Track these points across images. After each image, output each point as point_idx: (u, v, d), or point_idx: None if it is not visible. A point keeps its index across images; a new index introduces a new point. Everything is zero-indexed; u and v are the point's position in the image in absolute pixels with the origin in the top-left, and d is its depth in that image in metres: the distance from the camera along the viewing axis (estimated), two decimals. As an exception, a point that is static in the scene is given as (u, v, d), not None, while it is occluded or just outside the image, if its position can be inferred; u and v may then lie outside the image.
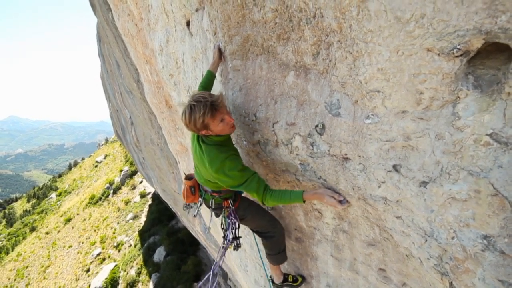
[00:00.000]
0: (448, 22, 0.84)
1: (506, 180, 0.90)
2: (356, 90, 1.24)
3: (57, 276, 27.12)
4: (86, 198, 39.18)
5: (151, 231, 25.83)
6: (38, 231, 38.99)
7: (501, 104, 0.88)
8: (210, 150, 1.75)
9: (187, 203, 2.25)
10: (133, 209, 31.56)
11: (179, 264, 20.46)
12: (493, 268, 0.96)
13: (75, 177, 53.99)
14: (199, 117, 1.61)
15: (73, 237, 32.34)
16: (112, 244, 27.69)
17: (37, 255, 32.61)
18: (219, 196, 2.05)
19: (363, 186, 1.36)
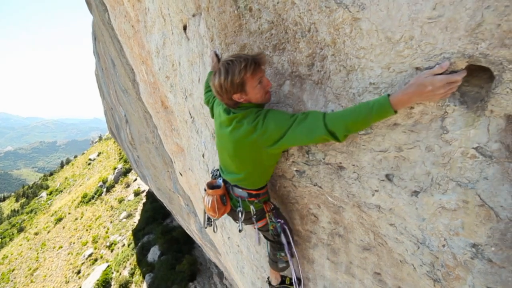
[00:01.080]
0: (435, 45, 0.89)
1: (491, 191, 0.96)
2: (350, 102, 1.29)
3: (45, 279, 26.62)
4: (78, 197, 38.66)
5: (145, 230, 25.63)
6: (26, 232, 38.22)
7: (485, 120, 0.93)
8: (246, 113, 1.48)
9: (215, 218, 1.84)
10: (126, 207, 31.27)
11: (174, 263, 20.36)
12: (482, 276, 1.01)
13: (67, 175, 53.21)
14: (239, 72, 1.37)
15: (63, 237, 31.85)
16: (105, 244, 27.39)
17: (25, 257, 31.92)
18: (258, 201, 1.80)
19: (358, 194, 1.41)
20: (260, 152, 1.47)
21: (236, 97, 1.46)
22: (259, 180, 1.73)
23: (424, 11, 0.87)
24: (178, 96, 3.86)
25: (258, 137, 1.41)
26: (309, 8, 1.29)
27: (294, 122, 1.31)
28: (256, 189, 1.75)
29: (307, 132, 1.26)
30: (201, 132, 3.55)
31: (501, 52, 0.77)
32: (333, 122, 1.20)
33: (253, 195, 1.76)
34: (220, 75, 1.42)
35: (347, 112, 1.17)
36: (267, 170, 1.69)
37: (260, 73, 1.46)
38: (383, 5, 0.97)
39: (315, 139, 1.26)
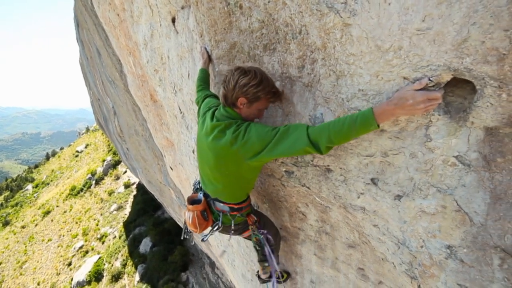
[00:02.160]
0: (422, 57, 0.91)
1: (468, 198, 1.00)
2: (339, 106, 1.30)
3: (35, 271, 26.36)
4: (66, 190, 38.01)
5: (137, 222, 25.55)
6: (12, 225, 37.49)
7: (466, 131, 0.97)
8: (230, 123, 1.48)
9: (197, 233, 1.80)
10: (117, 200, 30.99)
11: (166, 254, 20.46)
12: (454, 274, 1.07)
13: (53, 168, 52.05)
14: (267, 92, 1.42)
15: (52, 230, 31.44)
16: (96, 236, 27.22)
17: (12, 250, 31.43)
18: (241, 214, 1.78)
19: (344, 196, 1.45)
20: (241, 164, 1.46)
21: (240, 101, 1.47)
22: (240, 193, 1.71)
23: (413, 22, 0.88)
24: (167, 91, 3.79)
25: (238, 149, 1.40)
26: (300, 10, 1.28)
27: (276, 135, 1.30)
28: (238, 203, 1.73)
29: (289, 144, 1.26)
30: (191, 128, 3.51)
31: (483, 68, 0.80)
32: (316, 133, 1.19)
33: (235, 209, 1.73)
34: (253, 79, 1.41)
35: (331, 123, 1.17)
36: (247, 183, 1.68)
37: (269, 105, 1.57)
38: (374, 13, 0.98)
39: (297, 151, 1.25)
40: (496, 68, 0.77)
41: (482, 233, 0.98)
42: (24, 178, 55.58)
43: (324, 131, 1.18)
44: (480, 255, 1.00)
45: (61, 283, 23.57)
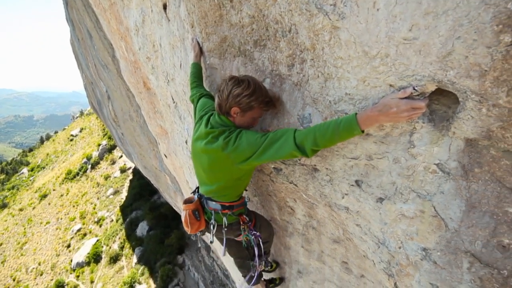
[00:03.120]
0: (408, 66, 0.90)
1: (445, 205, 1.03)
2: (326, 108, 1.30)
3: (35, 252, 26.90)
4: (62, 173, 38.03)
5: (133, 206, 25.83)
6: (10, 208, 37.80)
7: (448, 140, 0.98)
8: (223, 130, 1.53)
9: (189, 232, 1.84)
10: (113, 184, 31.15)
11: (163, 237, 20.87)
12: (427, 274, 1.12)
13: (48, 152, 51.75)
14: (260, 101, 1.44)
15: (50, 213, 31.74)
16: (93, 220, 27.57)
17: (12, 232, 31.91)
18: (232, 213, 1.80)
19: (329, 195, 1.47)
20: (231, 168, 1.51)
21: (234, 111, 1.50)
22: (232, 193, 1.74)
23: (400, 30, 0.86)
24: (160, 79, 3.72)
25: (229, 154, 1.46)
26: (290, 8, 1.24)
27: (265, 141, 1.33)
28: (229, 201, 1.76)
29: (276, 149, 1.29)
30: (184, 119, 3.49)
31: (466, 82, 0.80)
32: (302, 137, 1.21)
33: (226, 207, 1.76)
34: (246, 89, 1.43)
35: (316, 126, 1.19)
36: (239, 185, 1.72)
37: (263, 114, 1.59)
38: (363, 18, 0.95)
39: (285, 155, 1.28)
40: (478, 83, 0.77)
41: (455, 238, 1.01)
42: (19, 161, 55.32)
43: (310, 134, 1.19)
44: (452, 258, 1.04)
45: (61, 264, 24.10)
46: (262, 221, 2.14)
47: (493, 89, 0.75)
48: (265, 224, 2.17)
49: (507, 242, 0.90)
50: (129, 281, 18.15)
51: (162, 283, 16.66)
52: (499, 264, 0.92)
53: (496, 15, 0.65)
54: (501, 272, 0.92)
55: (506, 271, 0.91)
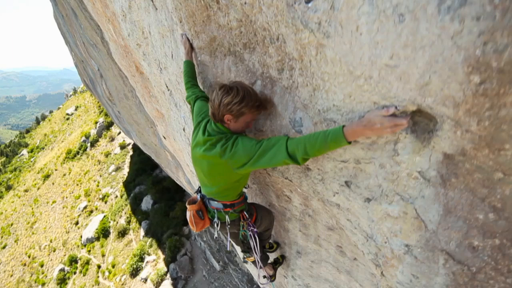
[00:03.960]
0: (390, 89, 0.94)
1: (425, 208, 1.13)
2: (316, 115, 1.35)
3: (46, 230, 28.03)
4: (63, 153, 38.24)
5: (136, 182, 26.32)
6: (15, 189, 38.57)
7: (428, 152, 1.05)
8: (220, 137, 1.60)
9: (194, 231, 2.02)
10: (114, 161, 31.49)
11: (167, 210, 21.56)
12: (409, 266, 1.26)
13: (45, 132, 51.48)
14: (250, 106, 1.49)
15: (55, 192, 32.49)
16: (98, 197, 28.31)
17: (20, 212, 32.92)
18: (234, 211, 1.91)
19: (321, 192, 1.58)
20: (230, 172, 1.62)
21: (226, 118, 1.56)
22: (232, 193, 1.86)
23: (382, 57, 0.89)
24: (153, 66, 3.65)
25: (227, 160, 1.54)
26: (277, 19, 1.24)
27: (259, 148, 1.41)
28: (231, 201, 1.87)
29: (270, 157, 1.37)
30: (180, 107, 3.49)
31: (442, 109, 0.85)
32: (293, 146, 1.28)
33: (228, 206, 1.88)
34: (235, 96, 1.48)
35: (307, 136, 1.25)
36: (238, 185, 1.84)
37: (256, 116, 1.64)
38: (347, 39, 0.97)
39: (277, 163, 1.36)
40: (453, 111, 0.82)
41: (433, 238, 1.13)
42: (17, 143, 55.27)
43: (300, 144, 1.27)
44: (430, 255, 1.16)
45: (72, 240, 25.26)
46: (263, 212, 2.26)
47: (465, 118, 0.80)
48: (266, 214, 2.29)
49: (476, 244, 1.02)
50: (139, 253, 19.19)
51: (171, 254, 17.63)
52: (469, 262, 1.05)
53: (466, 58, 0.69)
54: (470, 268, 1.05)
55: (474, 268, 1.04)
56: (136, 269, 18.58)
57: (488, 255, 1.00)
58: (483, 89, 0.71)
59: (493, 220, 0.95)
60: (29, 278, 24.45)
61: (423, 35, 0.75)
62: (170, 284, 16.23)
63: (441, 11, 0.68)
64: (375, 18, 0.84)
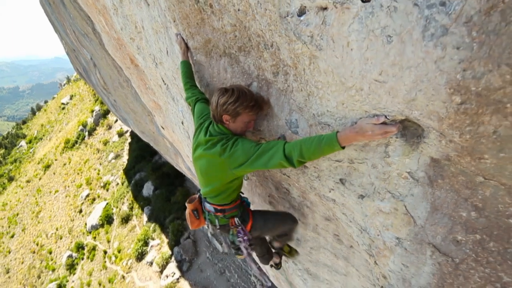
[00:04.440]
0: (380, 101, 0.99)
1: (414, 205, 1.22)
2: (311, 118, 1.40)
3: (51, 219, 28.58)
4: (61, 143, 38.15)
5: (136, 168, 26.52)
6: (17, 180, 38.85)
7: (417, 155, 1.12)
8: (221, 137, 1.64)
9: (192, 229, 2.05)
10: (113, 148, 31.55)
11: (169, 195, 21.91)
12: (400, 257, 1.37)
13: (42, 122, 51.03)
14: (245, 106, 1.54)
15: (57, 182, 32.78)
16: (99, 185, 28.62)
17: (24, 202, 33.37)
18: (224, 216, 1.92)
19: (318, 188, 1.66)
20: (226, 172, 1.65)
21: (225, 118, 1.62)
22: (224, 197, 1.86)
23: (372, 72, 0.93)
24: (148, 61, 3.61)
25: (225, 159, 1.59)
26: (270, 28, 1.26)
27: (258, 150, 1.46)
28: (221, 204, 1.89)
29: (268, 158, 1.42)
30: (177, 100, 3.50)
31: (428, 121, 0.90)
32: (290, 148, 1.33)
33: (219, 210, 1.91)
34: (230, 97, 1.55)
35: (303, 140, 1.31)
36: (230, 188, 1.82)
37: (254, 117, 1.67)
38: (338, 53, 1.01)
39: (274, 165, 1.40)
40: (437, 124, 0.88)
41: (421, 232, 1.23)
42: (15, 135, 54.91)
43: (297, 147, 1.31)
44: (418, 247, 1.27)
45: (77, 227, 25.84)
46: (270, 221, 2.17)
47: (449, 130, 0.86)
48: (272, 223, 2.19)
49: (460, 238, 1.11)
50: (143, 238, 19.74)
51: (174, 237, 18.15)
52: (453, 254, 1.15)
53: (448, 81, 0.74)
54: (454, 259, 1.16)
55: (458, 259, 1.15)
56: (142, 253, 19.19)
57: (470, 248, 1.10)
58: (464, 108, 0.76)
59: (474, 218, 1.04)
60: (39, 264, 25.27)
61: (409, 57, 0.79)
62: (175, 267, 16.83)
63: (425, 37, 0.72)
64: (364, 37, 0.88)
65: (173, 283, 15.86)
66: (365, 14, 0.84)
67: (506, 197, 0.91)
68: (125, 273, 19.05)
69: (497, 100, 0.69)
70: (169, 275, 16.49)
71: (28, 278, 24.99)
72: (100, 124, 36.31)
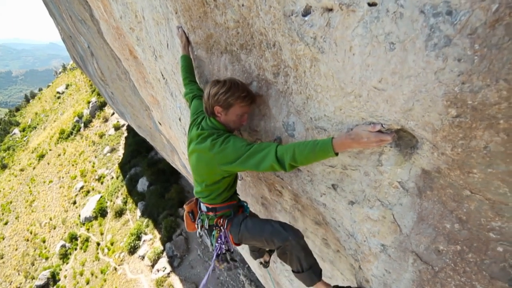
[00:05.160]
0: (377, 109, 0.99)
1: (402, 214, 1.23)
2: (308, 121, 1.40)
3: (44, 209, 28.36)
4: (56, 133, 37.79)
5: (131, 163, 26.40)
6: (10, 168, 38.44)
7: (409, 165, 1.12)
8: (212, 132, 1.60)
9: (189, 231, 1.94)
10: (109, 142, 31.33)
11: (163, 192, 21.86)
12: (383, 263, 1.38)
13: (36, 111, 50.48)
14: (237, 97, 1.51)
15: (51, 172, 32.48)
16: (94, 177, 28.42)
17: (18, 191, 33.08)
18: (215, 215, 1.84)
19: (310, 192, 1.66)
20: (214, 168, 1.58)
21: (217, 110, 1.59)
22: (215, 196, 1.77)
23: (372, 79, 0.93)
24: (147, 53, 3.57)
25: (214, 155, 1.52)
26: (273, 27, 1.25)
27: (249, 150, 1.41)
28: (213, 204, 1.81)
29: (259, 159, 1.37)
30: (176, 96, 3.47)
31: (422, 132, 0.91)
32: (283, 151, 1.29)
33: (210, 209, 1.83)
34: (222, 87, 1.53)
35: (296, 144, 1.27)
36: (221, 188, 1.75)
37: (248, 109, 1.63)
38: (340, 57, 1.00)
39: (265, 167, 1.35)
40: (431, 136, 0.88)
41: (406, 241, 1.24)
42: (8, 122, 54.23)
43: (289, 150, 1.28)
44: (401, 255, 1.28)
45: (70, 218, 25.68)
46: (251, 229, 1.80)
47: (442, 143, 0.87)
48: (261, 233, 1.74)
49: (441, 248, 1.12)
50: (136, 232, 19.67)
51: (166, 233, 18.11)
52: (434, 262, 1.16)
53: (446, 93, 0.74)
54: (434, 268, 1.17)
55: (437, 268, 1.16)
56: (134, 247, 19.14)
57: (450, 258, 1.11)
58: (458, 121, 0.77)
59: (457, 230, 1.05)
60: (33, 252, 25.18)
61: (410, 66, 0.79)
62: (166, 262, 16.81)
63: (428, 46, 0.72)
64: (368, 42, 0.88)
65: (164, 278, 15.86)
66: (370, 18, 0.84)
67: (489, 212, 0.92)
68: (117, 265, 19.03)
69: (491, 116, 0.69)
70: (160, 270, 16.47)
71: (22, 264, 24.93)
72: (97, 116, 36.01)
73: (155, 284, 15.72)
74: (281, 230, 1.69)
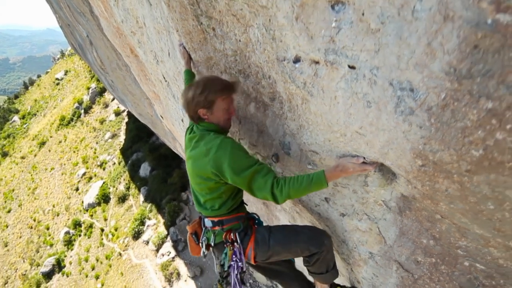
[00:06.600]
0: (359, 147, 1.14)
1: (386, 228, 1.40)
2: (302, 144, 1.55)
3: (47, 196, 28.84)
4: (56, 120, 37.75)
5: (133, 149, 26.54)
6: (11, 156, 38.69)
7: (390, 188, 1.28)
8: (204, 134, 1.51)
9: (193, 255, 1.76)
10: (110, 128, 31.38)
11: (165, 177, 22.15)
12: (371, 268, 1.58)
13: (36, 97, 50.11)
14: (214, 91, 1.47)
15: (52, 159, 32.78)
16: (96, 164, 28.72)
17: (20, 178, 33.47)
18: (222, 229, 1.61)
19: (305, 202, 1.84)
20: (208, 174, 1.46)
21: (201, 112, 1.52)
22: (218, 206, 1.58)
23: (354, 125, 1.07)
24: (149, 56, 3.64)
25: (208, 162, 1.42)
26: (268, 65, 1.37)
27: (247, 172, 1.36)
28: (218, 216, 1.60)
29: (255, 188, 1.37)
30: (177, 98, 3.57)
31: (398, 170, 1.06)
32: (279, 189, 1.32)
33: (216, 223, 1.61)
34: (196, 89, 1.49)
35: (291, 182, 1.32)
36: (223, 198, 1.57)
37: (230, 100, 1.58)
38: (327, 102, 1.14)
39: (259, 197, 1.38)
40: (405, 174, 1.04)
41: (390, 251, 1.42)
42: (7, 109, 54.02)
43: (285, 189, 1.32)
44: (386, 262, 1.47)
45: (74, 205, 26.23)
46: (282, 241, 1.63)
47: (413, 180, 1.02)
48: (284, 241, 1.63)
49: (419, 260, 1.31)
50: (140, 218, 20.21)
51: (170, 218, 18.62)
52: (413, 271, 1.36)
53: (412, 148, 0.88)
54: (414, 275, 1.36)
55: (416, 276, 1.35)
56: (138, 232, 19.72)
57: (427, 268, 1.30)
58: (424, 169, 0.92)
59: (432, 245, 1.23)
60: (37, 239, 25.87)
61: (383, 122, 0.93)
62: (171, 246, 17.41)
63: (397, 112, 0.86)
64: (349, 96, 1.01)
65: (169, 262, 16.47)
66: (351, 78, 0.97)
67: (457, 233, 1.09)
68: (122, 251, 19.67)
69: (447, 170, 0.84)
70: (164, 254, 17.09)
71: (26, 252, 25.65)
72: (97, 102, 35.83)
73: (160, 268, 16.34)
74: (315, 235, 1.61)
